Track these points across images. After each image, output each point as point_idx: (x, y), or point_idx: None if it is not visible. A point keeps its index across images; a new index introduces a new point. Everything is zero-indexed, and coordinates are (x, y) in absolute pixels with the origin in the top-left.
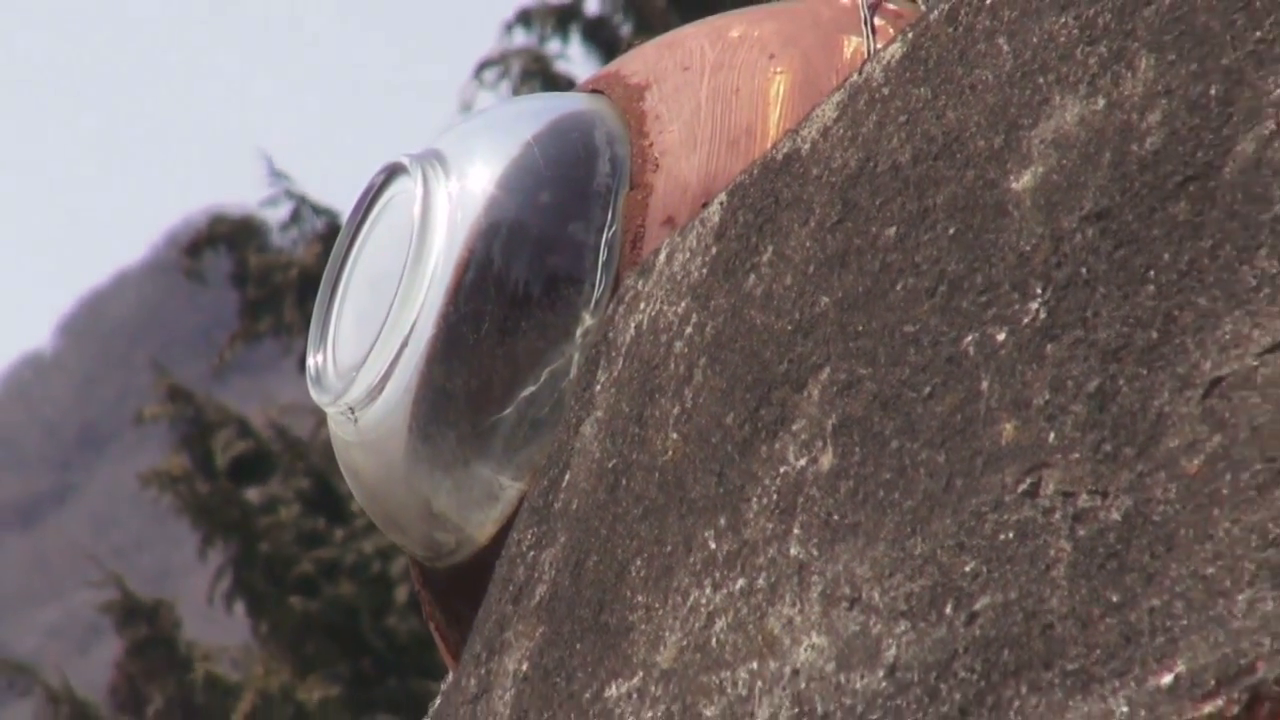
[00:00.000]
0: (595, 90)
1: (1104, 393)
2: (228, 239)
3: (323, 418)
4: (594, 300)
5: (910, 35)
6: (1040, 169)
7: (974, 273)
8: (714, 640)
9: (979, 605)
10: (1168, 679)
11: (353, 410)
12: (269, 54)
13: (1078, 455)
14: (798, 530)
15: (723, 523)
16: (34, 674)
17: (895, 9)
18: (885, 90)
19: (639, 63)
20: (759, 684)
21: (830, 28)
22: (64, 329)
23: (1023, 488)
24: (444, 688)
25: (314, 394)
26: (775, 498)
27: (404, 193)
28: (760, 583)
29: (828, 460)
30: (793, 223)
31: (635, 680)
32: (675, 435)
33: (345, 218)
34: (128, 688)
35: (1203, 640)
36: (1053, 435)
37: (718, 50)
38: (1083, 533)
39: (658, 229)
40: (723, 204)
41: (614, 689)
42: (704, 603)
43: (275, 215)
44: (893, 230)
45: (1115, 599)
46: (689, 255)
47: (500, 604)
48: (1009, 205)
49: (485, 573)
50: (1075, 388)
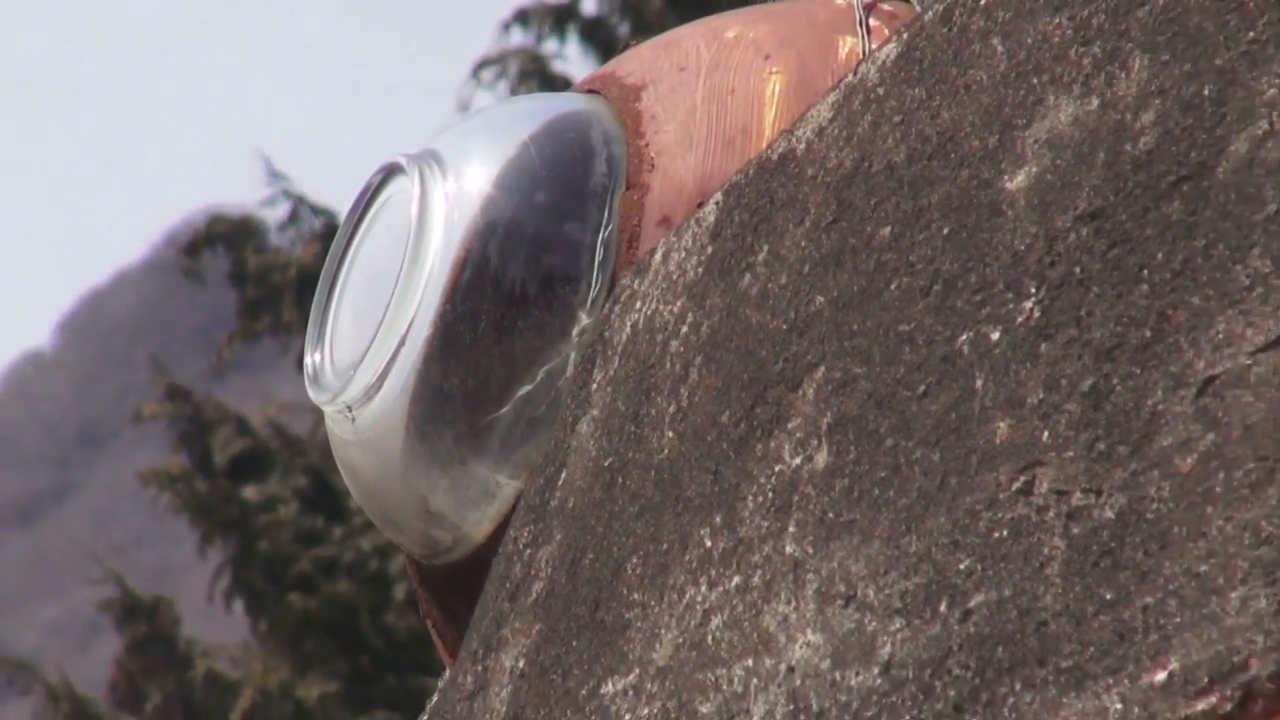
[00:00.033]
0: (591, 90)
1: (1098, 391)
2: (226, 239)
3: (321, 416)
4: (590, 299)
5: (905, 36)
6: (1034, 169)
7: (968, 272)
8: (709, 637)
9: (973, 603)
10: (1161, 676)
11: (350, 409)
12: (268, 54)
13: (1071, 454)
14: (793, 528)
15: (718, 520)
16: (34, 671)
17: (890, 10)
18: (880, 90)
19: (635, 63)
20: (754, 681)
21: (825, 28)
22: (64, 327)
23: (1017, 486)
24: (441, 684)
25: (312, 393)
26: (770, 496)
27: (401, 192)
28: (756, 580)
29: (823, 458)
30: (788, 222)
31: (631, 677)
32: (671, 434)
33: (343, 217)
34: (127, 685)
35: (1196, 637)
36: (1047, 434)
37: (713, 51)
38: (1076, 531)
39: (654, 228)
40: (718, 204)
41: (610, 686)
42: (700, 600)
43: (274, 215)
44: (887, 230)
45: (1109, 597)
46: (685, 255)
47: (497, 601)
48: (1003, 205)
49: (482, 570)
50: (1069, 386)
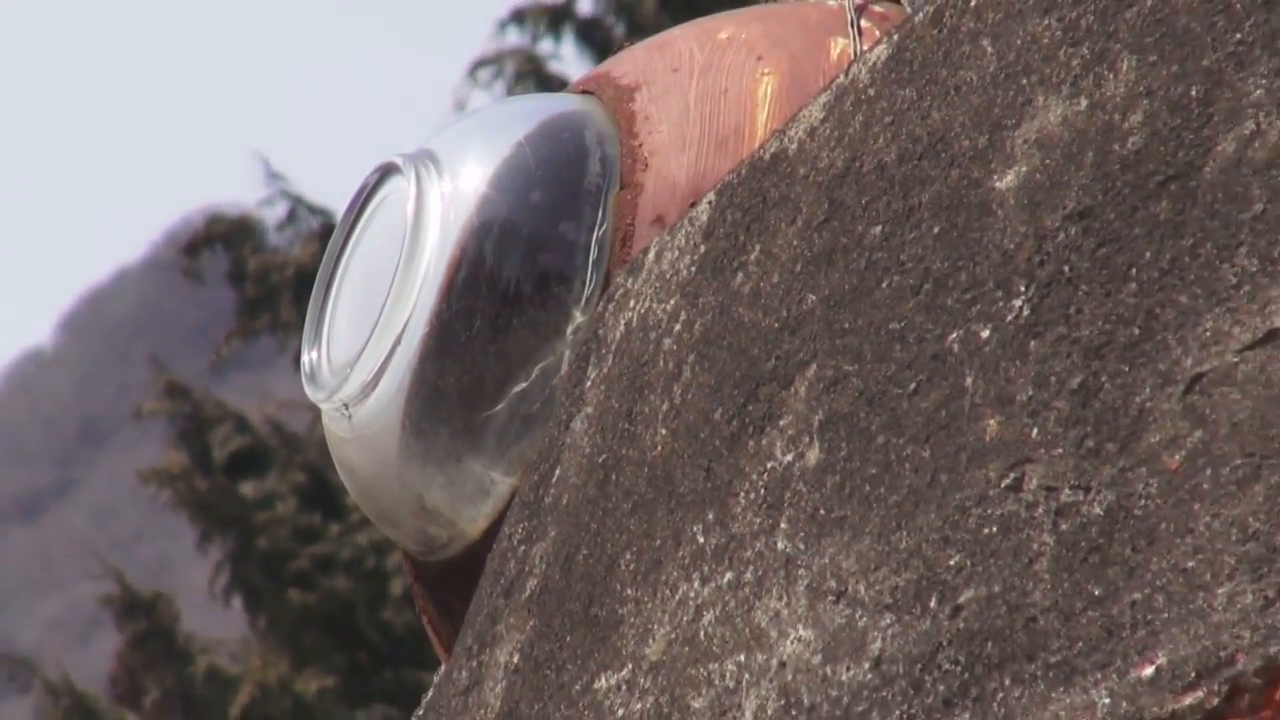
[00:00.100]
0: (586, 91)
1: (1086, 389)
2: (225, 238)
3: (319, 414)
4: (584, 298)
5: (896, 37)
6: (1024, 169)
7: (958, 271)
8: (702, 633)
9: (963, 598)
10: (1149, 671)
11: (347, 406)
12: (267, 55)
13: (1060, 451)
14: (785, 525)
15: (711, 517)
16: (34, 668)
17: (881, 11)
18: (871, 91)
19: (629, 64)
20: (746, 676)
21: (817, 30)
22: (65, 326)
23: (1006, 483)
24: (437, 679)
25: (309, 390)
26: (762, 492)
27: (397, 192)
28: (748, 576)
29: (814, 455)
30: (780, 222)
31: (624, 672)
32: (664, 431)
33: (340, 217)
34: (127, 679)
35: (1183, 633)
36: (1036, 431)
37: (707, 52)
38: (1065, 527)
39: (647, 228)
40: (711, 203)
41: (603, 681)
42: (692, 596)
43: (272, 215)
44: (878, 229)
45: (1097, 592)
46: (678, 254)
47: (492, 597)
48: (993, 204)
49: (477, 566)
50: (1058, 384)
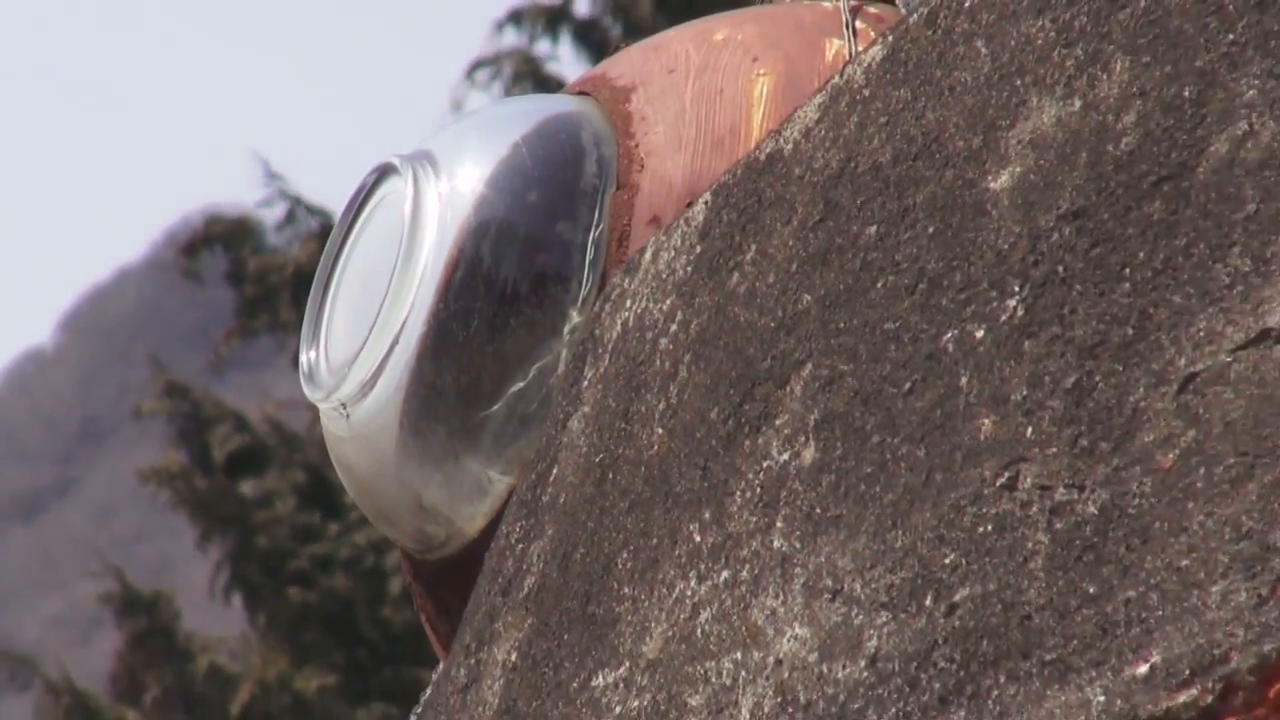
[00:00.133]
0: (582, 92)
1: (1080, 388)
2: (224, 239)
3: (318, 413)
4: (581, 298)
5: (890, 38)
6: (1018, 169)
7: (953, 271)
8: (699, 631)
9: (958, 596)
10: (1143, 669)
11: (345, 406)
12: (267, 55)
13: (1055, 450)
14: (781, 523)
15: (707, 516)
16: (34, 666)
17: (876, 12)
18: (866, 92)
19: (625, 65)
20: (743, 674)
21: (812, 31)
22: (65, 325)
23: (1001, 481)
24: (435, 677)
25: (307, 390)
26: (759, 491)
27: (395, 192)
28: (744, 574)
29: (810, 455)
30: (775, 222)
31: (622, 670)
32: (661, 430)
33: (338, 217)
34: (128, 677)
35: (1177, 631)
36: (1030, 430)
37: (702, 53)
38: (1060, 525)
39: (643, 228)
40: (707, 203)
41: (601, 678)
42: (689, 594)
43: (271, 215)
44: (873, 229)
45: (1092, 590)
46: (674, 254)
47: (489, 595)
48: (987, 204)
49: (475, 565)
50: (1052, 384)
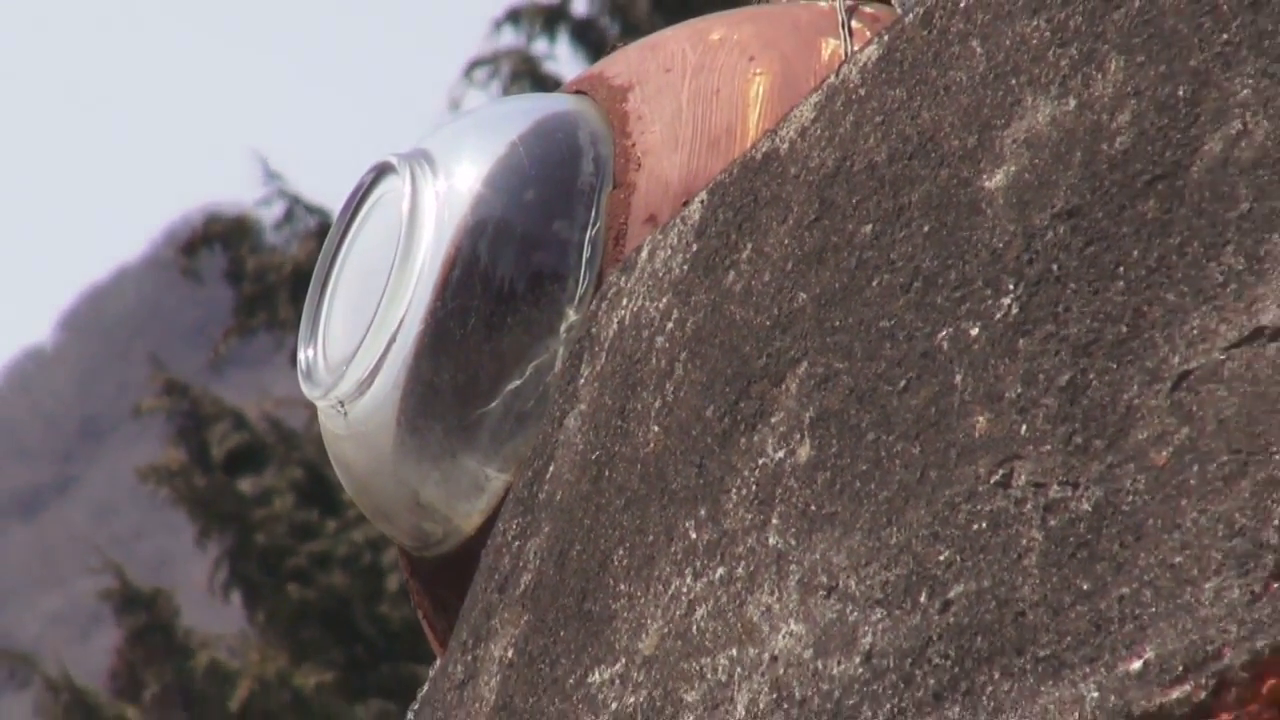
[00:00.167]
0: (579, 91)
1: (1075, 386)
2: (223, 238)
3: (316, 411)
4: (578, 296)
5: (886, 38)
6: (1012, 168)
7: (948, 269)
8: (694, 628)
9: (953, 593)
10: (1137, 665)
11: (342, 404)
12: (267, 55)
13: (1049, 447)
14: (776, 520)
15: (703, 513)
16: (33, 664)
17: (872, 12)
18: (862, 91)
19: (622, 64)
20: (738, 670)
21: (809, 31)
22: (65, 323)
23: (995, 479)
24: (432, 674)
25: (305, 388)
26: (754, 489)
27: (392, 191)
28: (739, 571)
29: (805, 452)
30: (771, 220)
31: (618, 666)
32: (657, 428)
33: (336, 216)
34: (128, 674)
35: (1171, 627)
36: (1025, 428)
37: (699, 52)
38: (1054, 523)
39: (640, 227)
40: (703, 202)
41: (597, 675)
42: (685, 591)
43: (269, 214)
44: (869, 228)
45: (1085, 587)
46: (670, 252)
47: (486, 592)
48: (982, 203)
49: (472, 562)
50: (1046, 381)
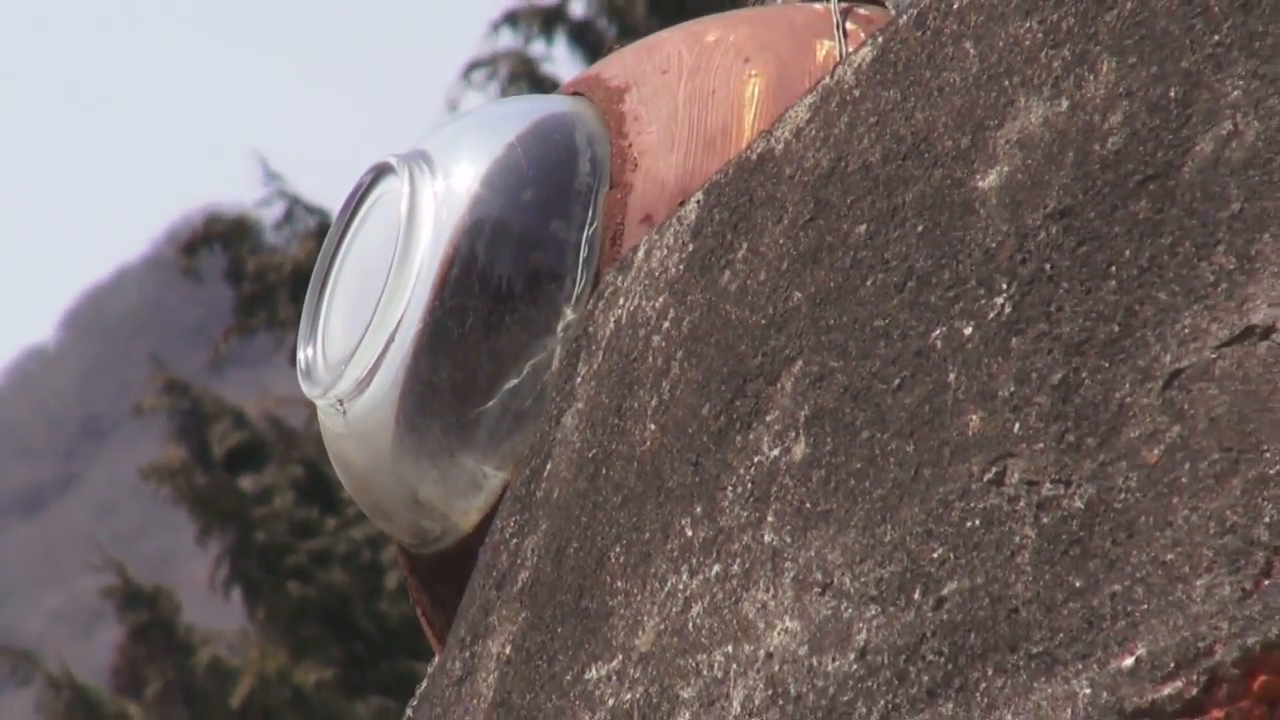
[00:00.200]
0: (576, 93)
1: (1067, 385)
2: (223, 238)
3: (316, 409)
4: (575, 295)
5: (880, 39)
6: (1006, 168)
7: (942, 269)
8: (690, 624)
9: (946, 590)
10: (1129, 661)
11: (341, 402)
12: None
13: (1042, 445)
14: (771, 518)
15: (699, 511)
16: (35, 661)
17: (866, 14)
18: (856, 92)
19: (618, 66)
20: (734, 666)
21: (804, 32)
22: (67, 323)
23: (989, 477)
24: (430, 670)
25: (304, 387)
26: (750, 486)
27: (391, 192)
28: (735, 569)
29: (800, 450)
30: (767, 220)
31: (614, 663)
32: (653, 426)
33: (335, 216)
34: (129, 671)
35: (1163, 624)
36: (1018, 426)
37: (695, 54)
38: (1046, 520)
39: (636, 226)
40: (699, 202)
41: (594, 671)
42: (681, 588)
43: (269, 214)
44: (863, 228)
45: (1078, 584)
46: (666, 252)
47: (484, 589)
48: (975, 203)
49: (470, 559)
50: (1039, 380)
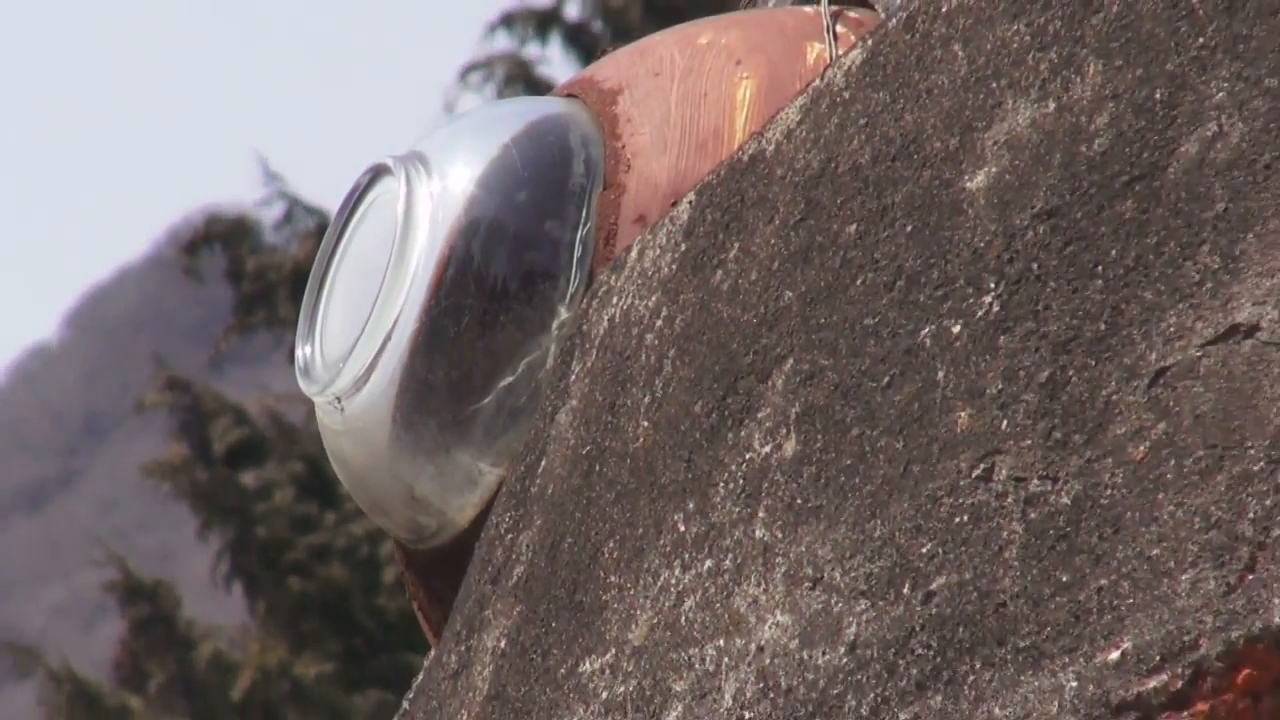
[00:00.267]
0: (570, 94)
1: (1054, 382)
2: (224, 238)
3: (314, 406)
4: (569, 295)
5: (870, 42)
6: (993, 169)
7: (930, 268)
8: (683, 619)
9: (935, 585)
10: (1115, 655)
11: (339, 400)
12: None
13: (1029, 442)
14: (763, 514)
15: (691, 506)
16: (37, 655)
17: (856, 17)
18: (846, 94)
19: (612, 68)
20: (726, 660)
21: (794, 35)
22: (69, 321)
23: (977, 473)
24: (427, 664)
25: (303, 385)
26: (741, 483)
27: (388, 192)
28: (727, 564)
29: (791, 447)
30: (758, 221)
31: (608, 656)
32: (646, 423)
33: (333, 217)
34: (131, 665)
35: (1148, 618)
36: (1005, 423)
37: (687, 56)
38: (1034, 516)
39: (630, 227)
40: (691, 203)
41: (588, 665)
42: (673, 583)
43: (269, 214)
44: (853, 228)
45: (1065, 579)
46: (659, 252)
47: (480, 584)
48: (964, 204)
49: (465, 554)
50: (1027, 378)
